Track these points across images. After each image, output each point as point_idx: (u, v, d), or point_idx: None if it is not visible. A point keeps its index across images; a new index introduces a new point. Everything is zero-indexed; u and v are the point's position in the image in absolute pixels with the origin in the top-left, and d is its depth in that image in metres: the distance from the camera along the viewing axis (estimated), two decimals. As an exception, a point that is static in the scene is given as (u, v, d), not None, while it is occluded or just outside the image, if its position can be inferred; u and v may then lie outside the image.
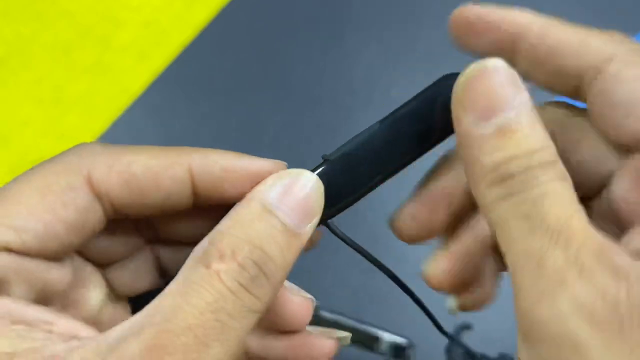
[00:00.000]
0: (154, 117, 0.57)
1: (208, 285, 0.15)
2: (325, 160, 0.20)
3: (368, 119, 0.20)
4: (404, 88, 0.56)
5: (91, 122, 0.57)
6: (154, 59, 0.59)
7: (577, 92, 0.18)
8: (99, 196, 0.17)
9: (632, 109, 0.16)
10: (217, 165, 0.18)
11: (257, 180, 0.18)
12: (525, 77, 0.18)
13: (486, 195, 0.16)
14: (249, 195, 0.17)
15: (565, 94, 0.18)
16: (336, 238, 0.20)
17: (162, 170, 0.18)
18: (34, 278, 0.16)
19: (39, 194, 0.16)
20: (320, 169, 0.19)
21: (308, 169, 0.19)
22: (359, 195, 0.20)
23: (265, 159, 0.19)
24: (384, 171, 0.19)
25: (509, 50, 0.18)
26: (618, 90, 0.16)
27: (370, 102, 0.55)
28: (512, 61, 0.18)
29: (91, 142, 0.18)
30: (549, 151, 0.15)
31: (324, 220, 0.19)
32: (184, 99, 0.58)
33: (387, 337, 0.41)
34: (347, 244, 0.20)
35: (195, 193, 0.18)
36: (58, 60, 0.59)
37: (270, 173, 0.18)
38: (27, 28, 0.60)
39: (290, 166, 0.19)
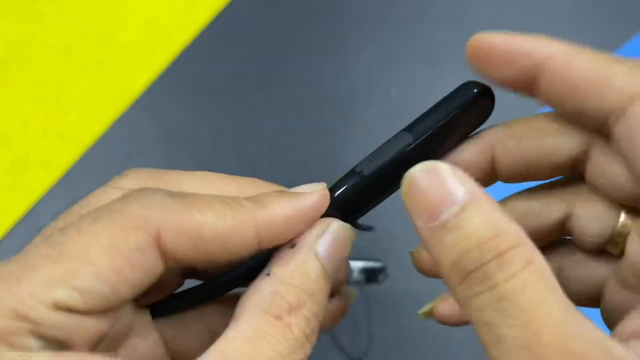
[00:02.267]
0: (154, 117, 0.57)
1: (281, 337, 0.16)
2: (359, 173, 0.20)
3: (368, 119, 0.20)
4: (403, 88, 0.56)
5: (91, 122, 0.57)
6: (154, 59, 0.59)
7: (602, 129, 0.17)
8: (164, 255, 0.17)
9: None
10: (279, 218, 0.18)
11: (312, 218, 0.18)
12: (548, 106, 0.18)
13: (456, 294, 0.16)
14: (302, 243, 0.18)
15: (590, 129, 0.18)
16: None
17: (230, 232, 0.17)
18: (94, 332, 0.16)
19: (107, 254, 0.16)
20: (353, 182, 0.20)
21: (340, 174, 0.20)
22: (387, 197, 0.21)
23: (310, 190, 0.19)
24: None
25: (530, 82, 0.18)
26: None
27: (370, 102, 0.55)
28: (533, 92, 0.18)
29: (155, 189, 0.17)
30: (506, 237, 0.15)
31: (354, 223, 0.20)
32: (184, 99, 0.58)
33: (360, 264, 0.43)
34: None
35: (258, 245, 0.18)
36: (58, 60, 0.59)
37: (317, 210, 0.18)
38: (27, 28, 0.60)
39: (291, 167, 0.20)
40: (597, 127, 0.17)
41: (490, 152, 0.19)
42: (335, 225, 0.18)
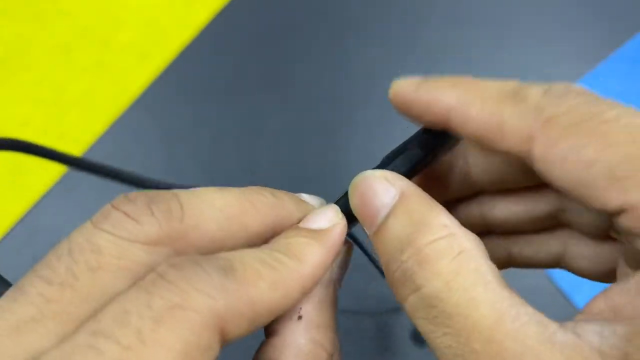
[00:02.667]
0: (154, 117, 0.57)
1: None
2: None
3: (368, 119, 0.20)
4: (404, 88, 0.56)
5: (91, 122, 0.57)
6: (154, 59, 0.59)
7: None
8: (223, 340, 0.15)
9: (585, 191, 0.14)
10: (319, 270, 0.17)
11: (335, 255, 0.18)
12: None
13: (398, 300, 0.15)
14: (328, 279, 0.17)
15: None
16: None
17: (280, 301, 0.15)
18: None
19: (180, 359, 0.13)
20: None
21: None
22: None
23: (325, 218, 0.18)
24: None
25: (446, 127, 0.17)
26: (556, 176, 0.15)
27: (370, 102, 0.55)
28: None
29: (203, 261, 0.15)
30: (428, 230, 0.14)
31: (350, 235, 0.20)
32: (184, 99, 0.58)
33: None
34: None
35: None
36: (58, 60, 0.59)
37: (340, 242, 0.18)
38: (27, 28, 0.60)
39: (291, 167, 0.20)
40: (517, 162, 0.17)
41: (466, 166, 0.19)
42: (347, 251, 0.18)
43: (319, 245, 0.16)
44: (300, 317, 0.16)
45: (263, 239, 0.17)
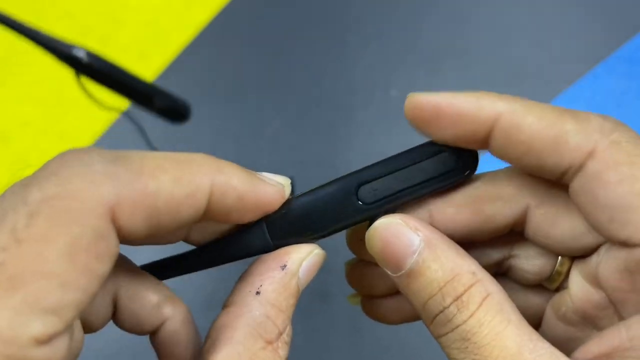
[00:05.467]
0: (154, 117, 0.57)
1: None
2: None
3: (368, 119, 0.20)
4: (403, 88, 0.56)
5: (91, 122, 0.57)
6: (154, 59, 0.59)
7: (560, 181, 0.17)
8: (119, 233, 0.14)
9: (616, 215, 0.15)
10: (235, 192, 0.17)
11: (263, 208, 0.18)
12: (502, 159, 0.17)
13: (431, 332, 0.17)
14: (292, 267, 0.18)
15: (548, 179, 0.17)
16: None
17: (185, 200, 0.15)
18: (74, 347, 0.14)
19: (68, 255, 0.12)
20: (311, 198, 0.19)
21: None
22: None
23: (272, 180, 0.18)
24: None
25: (480, 140, 0.17)
26: (600, 193, 0.16)
27: (370, 102, 0.55)
28: (486, 148, 0.17)
29: (88, 150, 0.14)
30: (461, 279, 0.16)
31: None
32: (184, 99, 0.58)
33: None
34: None
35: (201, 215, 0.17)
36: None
37: (272, 203, 0.18)
38: (27, 28, 0.60)
39: (291, 167, 0.19)
40: (557, 180, 0.17)
41: (429, 219, 0.19)
42: (318, 253, 0.19)
43: (246, 177, 0.17)
44: (258, 293, 0.17)
45: (199, 204, 0.16)
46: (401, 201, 0.18)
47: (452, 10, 0.60)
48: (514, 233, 0.19)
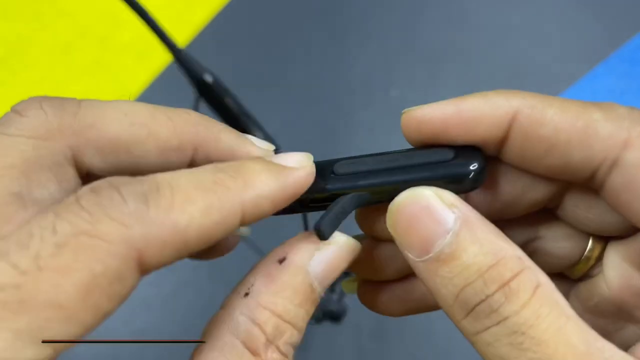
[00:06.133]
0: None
1: None
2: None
3: (368, 119, 0.20)
4: (403, 88, 0.56)
5: (91, 122, 0.57)
6: (154, 59, 0.59)
7: (587, 182, 0.15)
8: (143, 270, 0.14)
9: None
10: (266, 200, 0.15)
11: (291, 198, 0.16)
12: (517, 167, 0.16)
13: (462, 328, 0.14)
14: (292, 259, 0.16)
15: (571, 182, 0.16)
16: None
17: (215, 226, 0.14)
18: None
19: (82, 293, 0.12)
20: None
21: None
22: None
23: (296, 163, 0.17)
24: None
25: (494, 144, 0.15)
26: None
27: (370, 102, 0.55)
28: (499, 153, 0.16)
29: (120, 183, 0.14)
30: (508, 263, 0.14)
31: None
32: (184, 99, 0.58)
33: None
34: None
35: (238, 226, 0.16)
36: (58, 59, 0.59)
37: (302, 187, 0.16)
38: (27, 28, 0.60)
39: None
40: (583, 181, 0.15)
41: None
42: (344, 244, 0.16)
43: (274, 177, 0.15)
44: (247, 294, 0.15)
45: (184, 155, 0.16)
46: (378, 180, 0.16)
47: (452, 10, 0.60)
48: (542, 212, 0.17)
